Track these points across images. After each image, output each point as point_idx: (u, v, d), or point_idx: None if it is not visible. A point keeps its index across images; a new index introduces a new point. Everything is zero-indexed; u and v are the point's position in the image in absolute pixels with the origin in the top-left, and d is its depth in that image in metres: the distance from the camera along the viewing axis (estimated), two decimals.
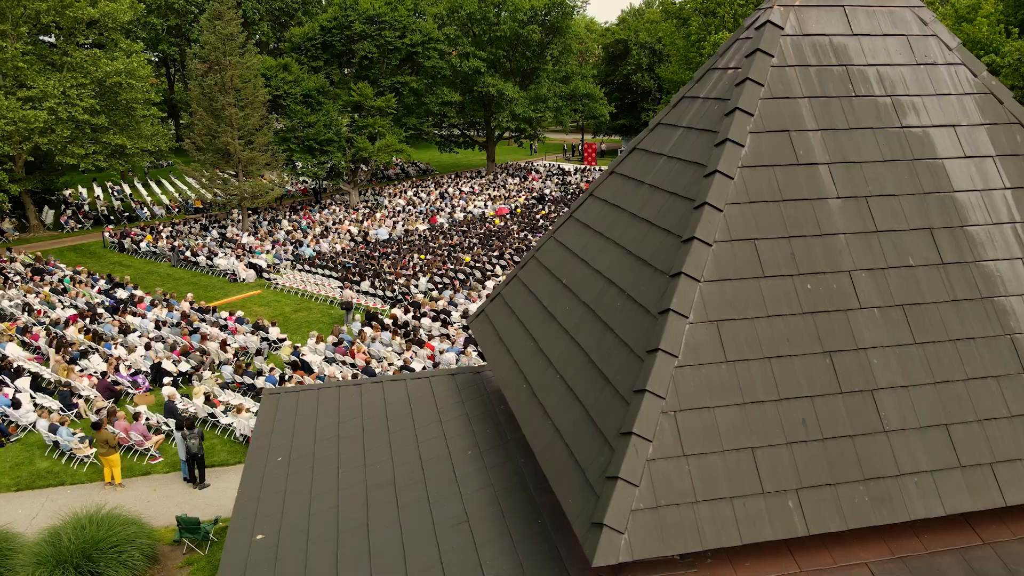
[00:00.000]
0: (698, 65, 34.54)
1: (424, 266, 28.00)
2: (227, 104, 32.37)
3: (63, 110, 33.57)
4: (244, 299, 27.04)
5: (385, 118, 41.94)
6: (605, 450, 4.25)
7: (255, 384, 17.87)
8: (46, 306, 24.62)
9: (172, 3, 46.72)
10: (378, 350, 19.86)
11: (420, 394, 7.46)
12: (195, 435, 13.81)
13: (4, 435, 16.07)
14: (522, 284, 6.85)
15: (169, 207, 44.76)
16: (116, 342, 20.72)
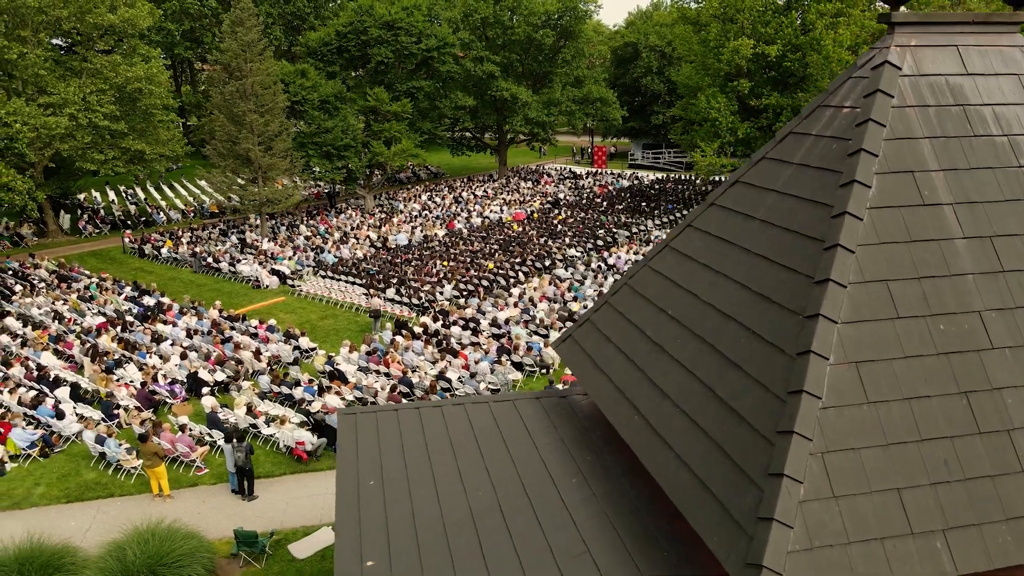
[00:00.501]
0: (716, 71, 34.60)
1: (448, 273, 28.09)
2: (248, 110, 32.47)
3: (83, 116, 33.71)
4: (269, 306, 27.15)
5: (401, 123, 42.05)
6: (751, 489, 4.36)
7: (293, 394, 17.97)
8: (76, 314, 24.74)
9: (187, 8, 46.83)
10: (411, 359, 19.96)
11: (507, 417, 7.56)
12: (243, 448, 13.90)
13: (48, 446, 16.18)
14: (615, 311, 6.95)
15: (185, 211, 44.89)
16: (150, 351, 20.82)
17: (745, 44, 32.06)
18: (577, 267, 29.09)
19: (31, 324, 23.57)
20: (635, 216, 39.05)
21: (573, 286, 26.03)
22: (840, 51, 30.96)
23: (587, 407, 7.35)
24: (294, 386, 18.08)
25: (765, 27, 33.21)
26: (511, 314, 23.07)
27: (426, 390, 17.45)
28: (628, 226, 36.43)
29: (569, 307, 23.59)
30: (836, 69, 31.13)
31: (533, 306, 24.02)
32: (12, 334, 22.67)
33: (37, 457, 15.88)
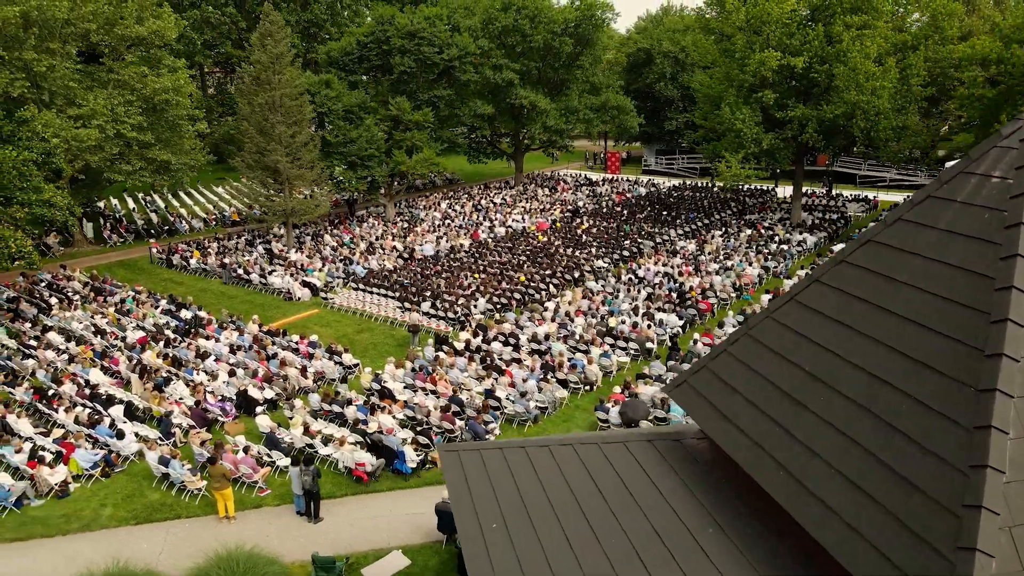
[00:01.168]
0: (741, 83, 34.73)
1: (480, 286, 28.25)
2: (276, 122, 32.65)
3: (111, 127, 33.92)
4: (303, 319, 27.33)
5: (422, 132, 42.23)
6: (935, 559, 4.54)
7: (345, 414, 18.14)
8: (116, 328, 24.91)
9: (208, 17, 47.04)
10: (456, 376, 20.13)
11: (621, 459, 7.73)
12: (310, 472, 14.08)
13: (109, 465, 16.37)
14: (737, 360, 7.13)
15: (206, 220, 45.07)
16: (197, 368, 20.99)
17: (771, 56, 32.20)
18: (607, 279, 29.24)
19: (74, 339, 23.73)
20: (657, 225, 39.22)
21: (608, 300, 26.20)
22: (867, 63, 31.11)
23: (704, 451, 7.52)
24: (346, 405, 18.24)
25: (790, 39, 33.35)
26: (549, 329, 23.24)
27: (478, 410, 17.63)
28: (652, 236, 36.60)
29: (607, 322, 23.75)
30: (863, 82, 31.28)
31: (570, 320, 24.18)
32: (56, 349, 22.86)
33: (99, 477, 16.07)
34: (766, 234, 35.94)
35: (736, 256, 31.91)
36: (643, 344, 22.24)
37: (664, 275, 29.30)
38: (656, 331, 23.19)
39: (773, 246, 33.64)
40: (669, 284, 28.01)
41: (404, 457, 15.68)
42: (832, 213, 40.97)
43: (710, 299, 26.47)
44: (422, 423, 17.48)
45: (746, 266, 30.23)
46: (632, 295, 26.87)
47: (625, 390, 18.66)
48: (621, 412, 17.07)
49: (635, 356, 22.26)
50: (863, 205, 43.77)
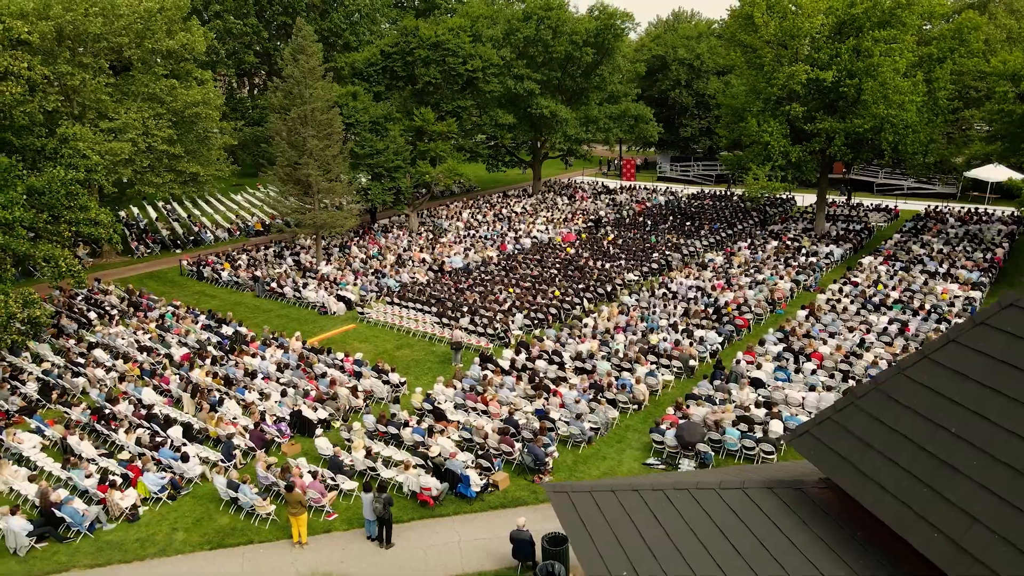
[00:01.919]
0: (768, 96, 34.92)
1: (516, 301, 28.45)
2: (308, 136, 32.87)
3: (142, 140, 34.18)
4: (341, 334, 27.54)
5: (446, 142, 42.49)
6: None
7: (401, 435, 18.34)
8: (160, 345, 25.13)
9: (231, 27, 47.29)
10: (505, 396, 20.34)
11: (745, 508, 7.92)
12: (383, 500, 14.28)
13: (175, 488, 16.58)
14: (868, 415, 7.33)
15: (230, 230, 45.31)
16: (250, 387, 21.20)
17: (801, 70, 32.42)
18: (640, 293, 29.43)
19: (121, 356, 23.94)
20: (681, 236, 39.45)
21: (645, 316, 26.40)
22: (897, 79, 31.32)
23: (830, 501, 7.70)
24: (402, 427, 18.44)
25: (817, 52, 33.57)
26: (591, 347, 23.45)
27: (534, 432, 17.83)
28: (678, 248, 36.81)
29: (648, 339, 23.96)
30: (892, 96, 31.48)
31: (611, 337, 24.38)
32: (104, 367, 23.08)
33: (166, 500, 16.29)
34: (793, 246, 36.13)
35: (766, 269, 32.13)
36: (686, 362, 22.45)
37: (697, 289, 29.52)
38: (697, 348, 23.40)
39: (802, 258, 33.84)
40: (704, 299, 28.20)
41: (468, 481, 15.89)
42: (855, 223, 41.17)
43: (746, 314, 26.67)
44: (481, 445, 17.67)
45: (777, 280, 30.44)
46: (668, 311, 27.08)
47: (677, 411, 18.88)
48: (677, 435, 17.27)
49: (678, 374, 22.47)
50: (885, 215, 43.98)
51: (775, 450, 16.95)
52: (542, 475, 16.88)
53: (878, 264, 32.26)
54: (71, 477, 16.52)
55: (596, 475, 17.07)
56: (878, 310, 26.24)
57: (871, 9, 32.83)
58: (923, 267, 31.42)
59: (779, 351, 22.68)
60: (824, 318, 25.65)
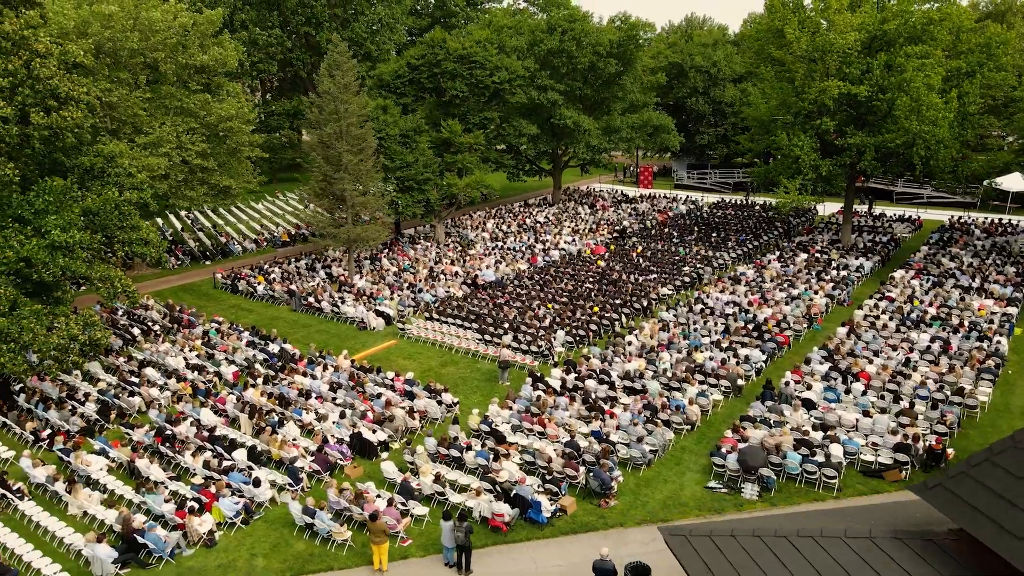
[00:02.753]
0: (799, 110, 35.16)
1: (556, 317, 28.69)
2: (344, 151, 33.13)
3: (176, 154, 34.47)
4: (384, 350, 27.78)
5: (473, 154, 42.76)
6: None
7: (464, 459, 18.57)
8: (209, 363, 25.39)
9: (256, 39, 47.58)
10: (561, 417, 20.58)
11: (878, 560, 8.14)
12: (463, 528, 14.53)
13: (248, 513, 16.84)
14: (1007, 473, 7.58)
15: (257, 241, 45.57)
16: (307, 408, 21.44)
17: (833, 85, 32.64)
18: (678, 309, 29.67)
19: (174, 375, 24.21)
20: (708, 247, 39.71)
21: (686, 333, 26.63)
22: (931, 95, 31.53)
23: (965, 554, 7.94)
24: (465, 450, 18.68)
25: (849, 67, 33.78)
26: (638, 365, 23.69)
27: (596, 455, 18.08)
28: (709, 261, 37.06)
29: (694, 358, 24.20)
30: (925, 112, 31.67)
31: (656, 355, 24.61)
32: (157, 385, 23.35)
33: (240, 525, 16.54)
34: (822, 259, 36.36)
35: (799, 283, 32.36)
36: (734, 381, 22.69)
37: (734, 304, 29.75)
38: (743, 367, 23.64)
39: (833, 272, 34.06)
40: (742, 315, 28.43)
41: (540, 507, 16.15)
42: (881, 234, 41.39)
43: (786, 331, 26.91)
44: (547, 470, 17.89)
45: (812, 295, 30.68)
46: (708, 327, 27.31)
47: (734, 433, 19.12)
48: (740, 460, 17.52)
49: (725, 393, 22.70)
50: (909, 225, 44.20)
51: (837, 475, 17.19)
52: (607, 499, 17.12)
53: (910, 278, 32.50)
54: (145, 501, 16.78)
55: (660, 499, 17.32)
56: (917, 327, 26.47)
57: (903, 25, 33.08)
58: (956, 282, 31.65)
59: (826, 370, 22.92)
60: (864, 335, 25.90)
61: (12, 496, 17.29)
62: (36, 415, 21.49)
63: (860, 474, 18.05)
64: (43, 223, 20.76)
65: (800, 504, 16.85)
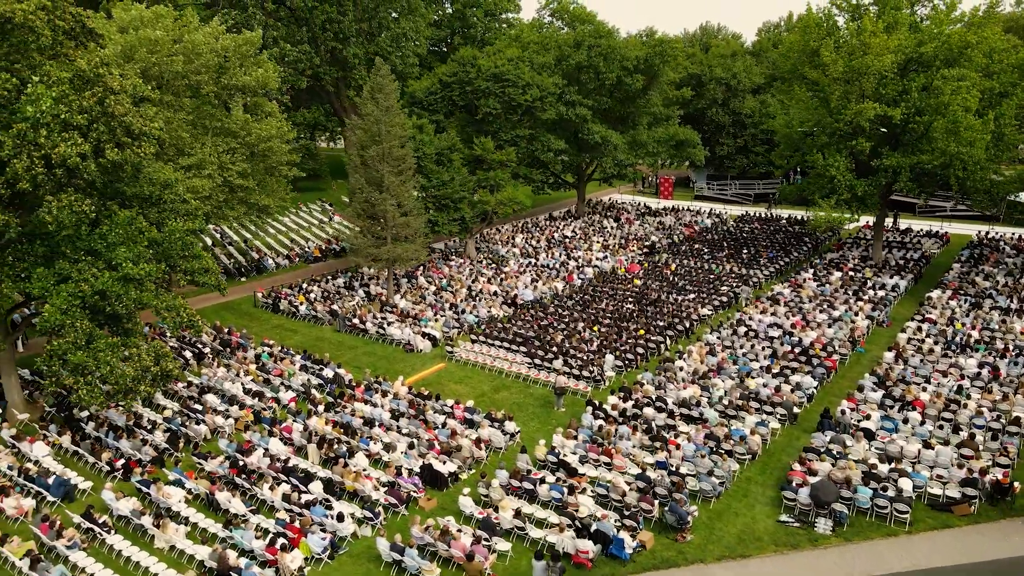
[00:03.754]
0: (834, 131, 35.48)
1: (604, 340, 29.01)
2: (386, 173, 33.47)
3: (218, 175, 34.83)
4: (434, 374, 28.12)
5: (505, 170, 43.12)
6: None
7: (537, 492, 18.90)
8: (267, 388, 25.72)
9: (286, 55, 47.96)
10: (625, 447, 20.91)
11: None
12: (556, 569, 14.87)
13: (333, 548, 17.17)
14: None
15: (289, 256, 45.89)
16: (374, 438, 21.77)
17: (869, 107, 32.98)
18: (721, 331, 30.00)
19: (236, 402, 24.55)
20: (740, 264, 40.05)
21: (736, 359, 26.94)
22: (968, 117, 31.85)
23: None
24: (539, 483, 19.00)
25: (884, 88, 34.12)
26: (694, 392, 24.02)
27: (669, 489, 18.42)
28: (746, 279, 37.39)
29: (746, 384, 24.53)
30: (964, 134, 31.97)
31: (708, 381, 24.94)
32: (221, 413, 23.69)
33: (327, 560, 16.88)
34: (858, 278, 36.67)
35: (838, 304, 32.68)
36: (790, 409, 23.03)
37: (775, 326, 30.07)
38: (797, 394, 23.97)
39: (870, 292, 34.37)
40: (787, 338, 28.75)
41: (623, 544, 16.48)
42: (911, 251, 41.71)
43: (832, 355, 27.23)
44: (625, 504, 18.17)
45: (854, 316, 31.00)
46: (755, 351, 27.61)
47: (801, 465, 19.46)
48: (812, 495, 17.85)
49: (781, 420, 23.02)
50: (937, 241, 44.51)
51: (909, 510, 17.53)
52: (684, 534, 17.46)
53: (948, 299, 32.82)
54: (232, 536, 17.12)
55: (735, 533, 17.65)
56: (964, 352, 26.80)
57: (940, 47, 33.42)
58: (993, 303, 31.97)
59: (880, 398, 23.25)
60: (911, 360, 26.24)
61: (99, 530, 17.63)
62: (107, 444, 21.84)
63: (928, 507, 18.37)
64: (114, 256, 21.13)
65: (874, 539, 17.18)
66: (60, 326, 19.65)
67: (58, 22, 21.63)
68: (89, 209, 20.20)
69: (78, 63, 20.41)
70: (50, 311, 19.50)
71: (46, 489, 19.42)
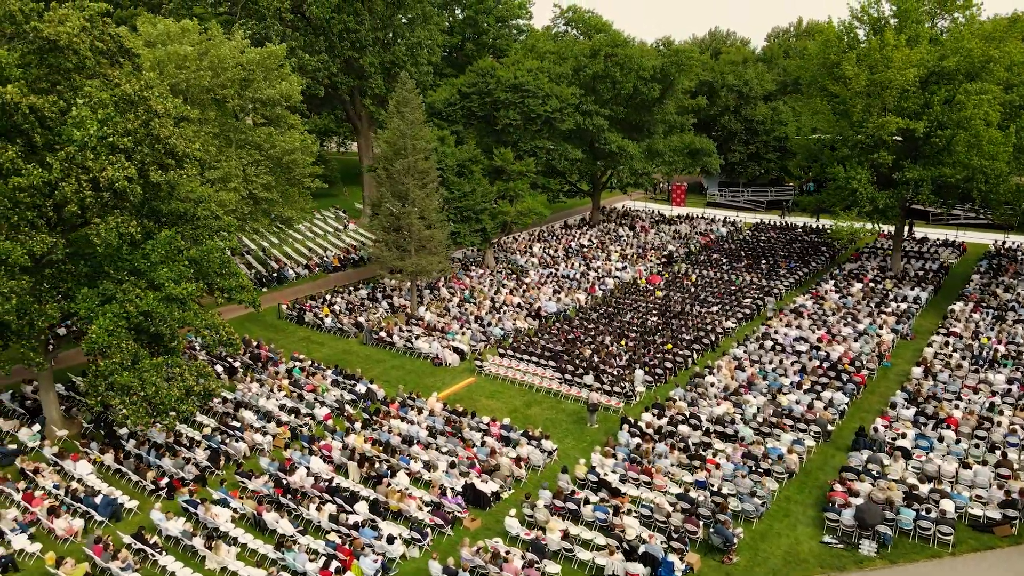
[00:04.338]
0: (855, 143, 35.69)
1: (633, 355, 29.20)
2: (412, 186, 33.65)
3: (243, 187, 35.03)
4: (464, 388, 28.31)
5: (524, 181, 43.32)
6: None
7: (581, 512, 19.08)
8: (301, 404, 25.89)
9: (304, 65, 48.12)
10: (664, 466, 21.10)
11: None
12: None
13: (385, 571, 17.36)
14: None
15: (309, 266, 46.09)
16: (414, 456, 21.96)
17: (892, 121, 33.17)
18: (747, 345, 30.18)
19: (272, 418, 24.74)
20: (759, 274, 40.24)
21: (766, 374, 27.13)
22: (991, 131, 32.05)
23: None
24: (583, 503, 19.19)
25: (906, 102, 34.31)
26: (727, 409, 24.21)
27: (713, 510, 18.61)
28: (768, 291, 37.58)
29: (779, 401, 24.73)
30: (986, 147, 32.16)
31: (740, 397, 25.13)
32: (260, 431, 23.87)
33: None
34: (879, 290, 36.84)
35: (862, 316, 32.87)
36: (824, 427, 23.21)
37: (801, 340, 30.25)
38: (831, 411, 24.16)
39: (893, 304, 34.54)
40: (814, 353, 28.93)
41: (672, 567, 16.66)
42: (929, 261, 41.90)
43: (862, 371, 27.42)
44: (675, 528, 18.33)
45: (878, 330, 31.19)
46: (784, 367, 27.80)
47: (841, 485, 19.64)
48: (857, 517, 18.03)
49: (815, 438, 23.19)
50: (954, 251, 44.70)
51: (953, 532, 17.72)
52: (730, 556, 17.65)
53: (970, 311, 33.02)
54: (284, 558, 17.31)
55: (780, 555, 17.85)
56: (992, 367, 26.99)
57: (962, 61, 33.62)
58: (1016, 316, 32.17)
59: (912, 415, 23.45)
60: (940, 376, 26.44)
61: (151, 551, 17.83)
62: (150, 462, 22.04)
63: (969, 528, 18.56)
64: (156, 276, 21.33)
65: (919, 561, 17.38)
66: (107, 347, 19.85)
67: (97, 43, 21.89)
68: (136, 231, 20.42)
69: (124, 87, 20.62)
70: (97, 332, 19.69)
71: (94, 508, 19.61)
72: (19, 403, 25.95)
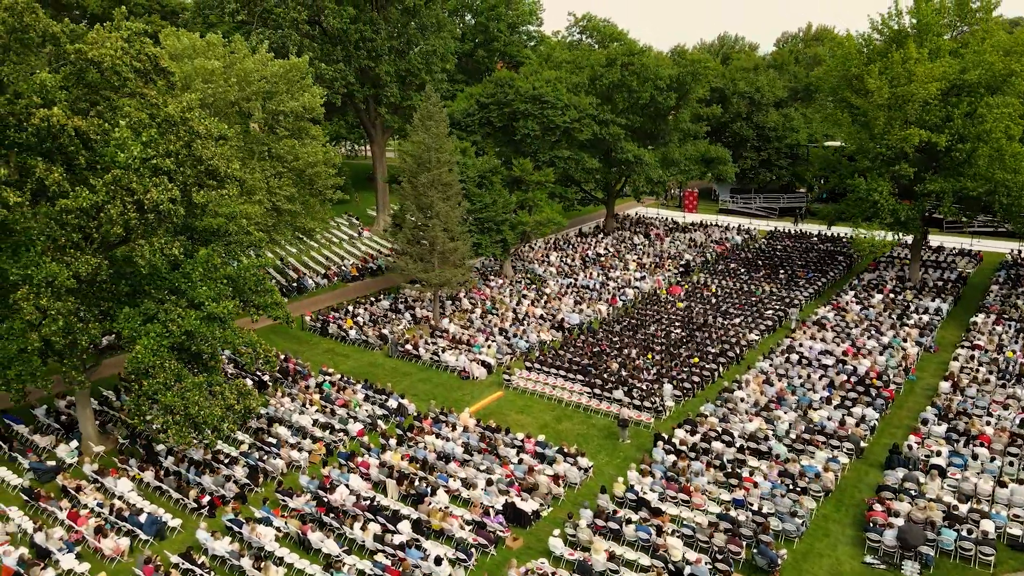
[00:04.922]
0: (876, 155, 35.87)
1: (662, 369, 29.34)
2: (436, 199, 33.81)
3: (267, 199, 35.20)
4: (493, 403, 28.45)
5: (542, 190, 43.51)
6: None
7: (623, 532, 19.23)
8: (334, 420, 26.05)
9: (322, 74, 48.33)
10: (701, 484, 21.24)
11: None
12: None
13: None
14: None
15: (327, 275, 46.25)
16: (452, 474, 22.10)
17: (915, 134, 33.34)
18: (773, 359, 30.33)
19: (307, 435, 24.89)
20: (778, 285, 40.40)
21: (795, 388, 27.27)
22: (1013, 144, 32.22)
23: None
24: (625, 523, 19.34)
25: (927, 114, 34.47)
26: (759, 425, 24.37)
27: (755, 530, 18.76)
28: (791, 302, 37.73)
29: (810, 417, 24.88)
30: (1009, 162, 32.32)
31: (771, 413, 25.28)
32: (296, 447, 24.03)
33: None
34: (900, 301, 36.97)
35: (886, 329, 33.01)
36: (857, 444, 23.35)
37: (827, 353, 30.39)
38: (863, 427, 24.31)
39: (915, 316, 34.68)
40: (840, 367, 29.08)
41: None
42: (947, 271, 42.04)
43: (890, 385, 27.56)
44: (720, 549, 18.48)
45: (903, 343, 31.33)
46: (812, 381, 27.94)
47: (880, 505, 19.79)
48: (900, 537, 18.18)
49: (848, 454, 23.32)
50: (971, 260, 44.84)
51: (995, 552, 17.87)
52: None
53: (993, 323, 33.17)
54: None
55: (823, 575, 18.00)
56: (1019, 382, 27.14)
57: (983, 74, 33.78)
58: None
59: (944, 431, 23.60)
60: (968, 390, 26.58)
61: (200, 571, 17.99)
62: (190, 480, 22.20)
63: (1008, 548, 18.71)
64: (196, 294, 21.50)
65: None
66: (151, 367, 20.02)
67: (135, 63, 22.06)
68: (179, 251, 20.59)
69: (167, 109, 20.80)
70: (141, 352, 19.85)
71: (139, 527, 19.77)
72: (54, 418, 26.10)
